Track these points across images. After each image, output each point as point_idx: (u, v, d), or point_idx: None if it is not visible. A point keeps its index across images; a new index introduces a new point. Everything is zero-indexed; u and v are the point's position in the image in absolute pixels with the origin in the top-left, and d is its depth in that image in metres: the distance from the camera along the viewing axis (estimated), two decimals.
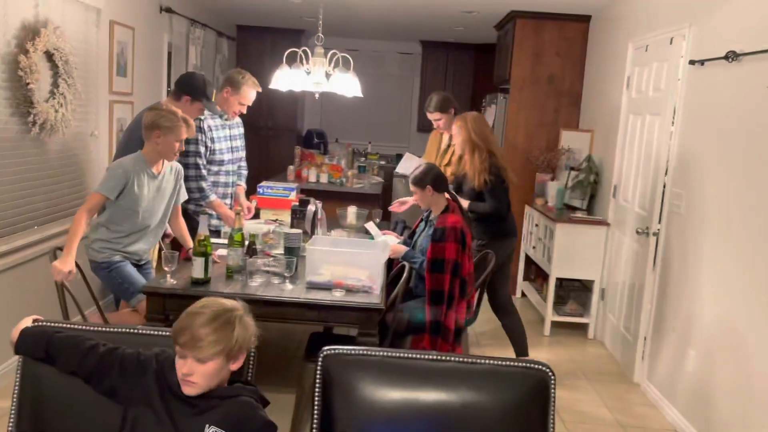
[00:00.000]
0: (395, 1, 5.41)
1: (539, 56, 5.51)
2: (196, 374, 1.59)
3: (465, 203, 3.70)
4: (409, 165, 3.61)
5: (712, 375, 3.13)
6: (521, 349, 3.92)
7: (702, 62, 3.39)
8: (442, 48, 8.00)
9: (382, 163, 7.72)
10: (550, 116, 5.58)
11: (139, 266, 3.17)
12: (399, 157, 8.12)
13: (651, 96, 4.06)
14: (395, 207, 4.03)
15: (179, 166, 3.27)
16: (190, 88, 3.52)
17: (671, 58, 3.78)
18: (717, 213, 3.21)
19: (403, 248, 3.35)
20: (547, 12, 5.37)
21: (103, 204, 2.99)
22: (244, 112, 3.82)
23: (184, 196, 3.29)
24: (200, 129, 3.60)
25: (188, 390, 1.61)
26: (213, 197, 3.67)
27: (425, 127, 8.11)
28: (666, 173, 3.76)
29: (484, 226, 3.80)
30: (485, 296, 3.72)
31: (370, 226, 3.72)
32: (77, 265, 2.87)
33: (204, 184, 3.64)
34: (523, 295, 5.62)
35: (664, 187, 3.76)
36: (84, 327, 1.88)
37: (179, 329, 1.59)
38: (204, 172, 3.66)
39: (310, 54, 3.63)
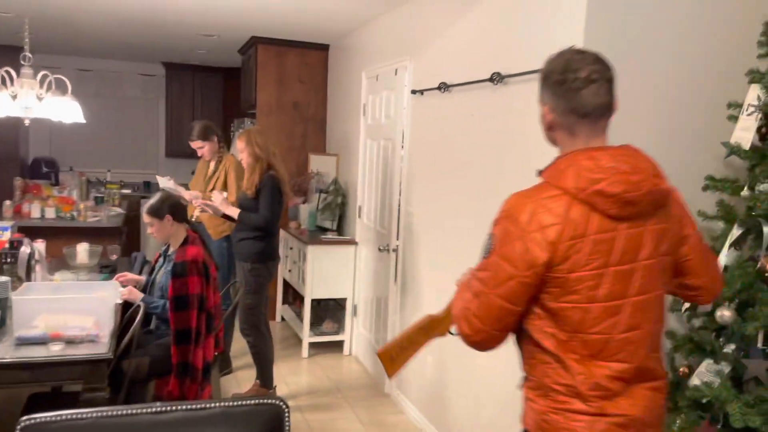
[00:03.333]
0: (125, 19, 5.05)
1: (283, 82, 5.59)
2: None
3: (236, 212, 3.63)
4: (168, 185, 3.66)
5: (446, 376, 3.42)
6: (266, 379, 3.81)
7: (422, 92, 3.72)
8: (188, 70, 7.70)
9: (127, 191, 7.16)
10: (299, 141, 5.70)
11: None
12: (146, 184, 7.65)
13: (383, 122, 4.36)
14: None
15: None
16: None
17: (398, 87, 4.10)
18: (435, 226, 3.55)
19: (139, 294, 3.08)
20: (288, 39, 5.48)
21: None
22: None
23: None
24: None
25: None
26: None
27: (174, 152, 7.75)
28: (400, 194, 4.05)
29: (251, 245, 3.70)
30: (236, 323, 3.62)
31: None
32: None
33: None
34: (283, 319, 5.61)
35: (399, 206, 4.05)
36: None
37: None
38: None
39: (15, 75, 3.20)
